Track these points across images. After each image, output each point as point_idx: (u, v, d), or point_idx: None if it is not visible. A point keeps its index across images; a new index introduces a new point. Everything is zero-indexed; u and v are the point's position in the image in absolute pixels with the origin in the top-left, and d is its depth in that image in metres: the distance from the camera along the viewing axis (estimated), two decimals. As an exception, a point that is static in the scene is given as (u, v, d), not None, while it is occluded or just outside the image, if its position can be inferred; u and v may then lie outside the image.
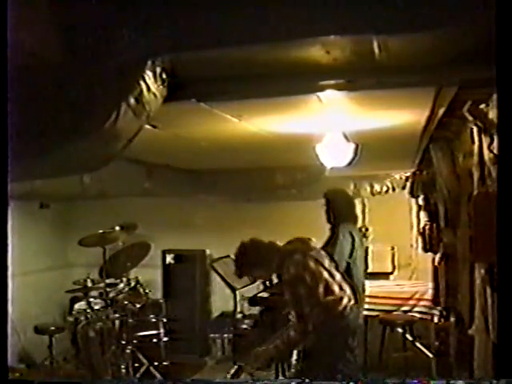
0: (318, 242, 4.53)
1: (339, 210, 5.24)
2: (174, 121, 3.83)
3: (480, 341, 3.77)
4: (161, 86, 2.59)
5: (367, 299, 5.69)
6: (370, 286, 5.81)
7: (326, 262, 4.24)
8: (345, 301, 4.15)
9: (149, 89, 2.52)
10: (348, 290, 4.22)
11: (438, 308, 6.29)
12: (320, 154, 4.61)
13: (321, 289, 4.05)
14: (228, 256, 5.94)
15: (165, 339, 6.43)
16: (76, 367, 5.99)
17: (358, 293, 4.99)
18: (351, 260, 5.01)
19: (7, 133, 2.01)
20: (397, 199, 7.97)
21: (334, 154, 4.54)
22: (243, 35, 2.33)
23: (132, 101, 2.49)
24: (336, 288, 4.17)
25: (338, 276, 4.28)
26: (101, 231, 6.05)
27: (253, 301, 6.34)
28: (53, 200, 7.11)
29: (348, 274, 4.89)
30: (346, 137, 4.38)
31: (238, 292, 5.86)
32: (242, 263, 4.13)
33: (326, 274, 4.13)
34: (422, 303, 6.47)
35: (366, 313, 5.50)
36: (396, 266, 7.97)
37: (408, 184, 7.58)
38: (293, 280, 4.02)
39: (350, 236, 5.07)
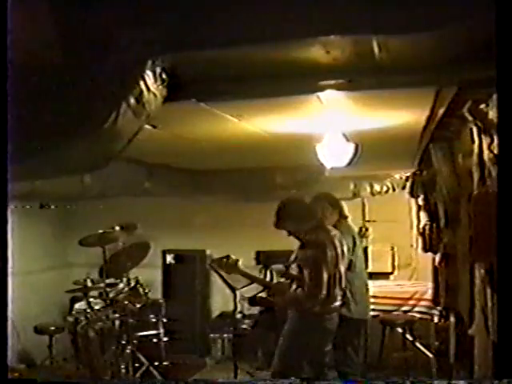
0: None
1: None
2: (174, 121, 3.83)
3: (480, 341, 3.76)
4: (161, 86, 2.59)
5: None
6: (371, 286, 5.81)
7: (342, 268, 4.37)
8: (333, 307, 4.25)
9: (149, 89, 2.52)
10: (338, 304, 4.31)
11: (438, 308, 6.28)
12: (320, 154, 4.61)
13: (325, 276, 4.12)
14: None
15: (165, 339, 6.43)
16: (76, 367, 5.99)
17: (360, 290, 5.03)
18: (353, 258, 5.00)
19: (7, 133, 2.01)
20: (397, 199, 7.96)
21: (334, 154, 4.54)
22: (243, 35, 2.33)
23: (132, 101, 2.49)
24: (337, 287, 4.24)
25: (342, 285, 4.37)
26: (101, 231, 6.04)
27: (253, 301, 6.34)
28: (53, 200, 7.10)
29: (351, 271, 4.91)
30: (346, 137, 4.38)
31: (237, 292, 5.85)
32: (282, 213, 4.39)
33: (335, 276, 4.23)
34: (422, 303, 6.48)
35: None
36: (396, 266, 7.96)
37: (408, 184, 7.58)
38: (316, 245, 4.21)
39: (349, 235, 5.04)
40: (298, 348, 4.24)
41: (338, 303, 4.31)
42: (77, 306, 6.36)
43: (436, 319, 6.29)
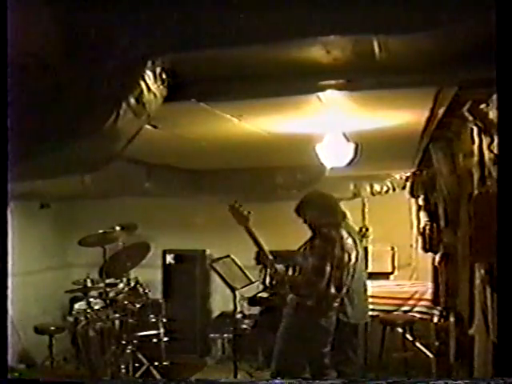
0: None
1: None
2: (174, 121, 3.83)
3: (480, 341, 3.77)
4: (161, 86, 2.59)
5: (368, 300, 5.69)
6: (370, 286, 5.81)
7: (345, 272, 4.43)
8: (330, 308, 4.26)
9: (149, 89, 2.52)
10: (336, 306, 4.33)
11: (438, 308, 6.28)
12: (320, 154, 4.60)
13: (328, 268, 4.18)
14: (228, 256, 5.94)
15: (165, 339, 6.43)
16: (76, 367, 5.99)
17: (358, 294, 5.04)
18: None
19: (7, 133, 2.01)
20: (397, 199, 7.96)
21: (334, 154, 4.54)
22: (243, 35, 2.33)
23: (132, 101, 2.49)
24: (333, 294, 4.27)
25: (342, 291, 4.39)
26: (101, 231, 6.04)
27: (253, 301, 6.35)
28: (53, 200, 7.11)
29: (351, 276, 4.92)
30: (346, 137, 4.38)
31: (237, 292, 5.85)
32: (307, 201, 4.60)
33: (337, 275, 4.25)
34: (421, 303, 6.48)
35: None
36: (396, 266, 7.96)
37: (408, 184, 7.58)
38: (326, 239, 4.34)
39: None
40: (294, 346, 4.27)
41: (335, 304, 4.35)
42: (77, 306, 6.36)
43: (436, 319, 6.28)
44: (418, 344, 6.09)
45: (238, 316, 6.78)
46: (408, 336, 6.03)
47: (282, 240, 6.01)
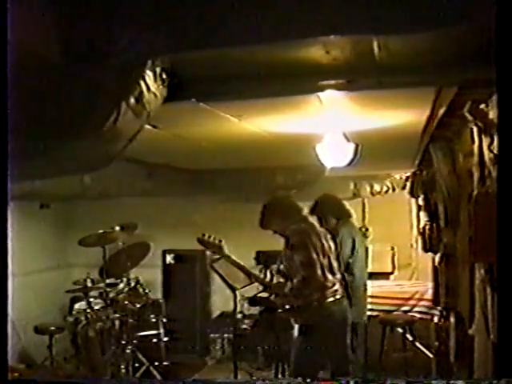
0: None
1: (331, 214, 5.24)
2: (174, 121, 3.83)
3: (480, 341, 3.77)
4: (161, 86, 2.59)
5: (367, 299, 5.70)
6: (370, 286, 5.81)
7: (332, 257, 4.34)
8: (336, 293, 4.21)
9: (149, 89, 2.52)
10: (340, 290, 4.29)
11: (438, 308, 6.29)
12: (320, 154, 4.61)
13: (319, 271, 4.12)
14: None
15: (165, 339, 6.43)
16: (76, 367, 5.99)
17: (358, 293, 5.04)
18: (351, 260, 5.02)
19: (7, 133, 2.01)
20: (397, 199, 7.97)
21: (334, 154, 4.54)
22: (243, 35, 2.33)
23: (132, 101, 2.49)
24: (332, 280, 4.23)
25: (337, 275, 4.33)
26: (101, 231, 6.04)
27: (253, 301, 6.34)
28: (53, 200, 7.11)
29: (350, 274, 4.92)
30: (346, 137, 4.38)
31: (238, 292, 5.85)
32: (267, 213, 4.44)
33: (325, 262, 4.21)
34: (422, 303, 6.48)
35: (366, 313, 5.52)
36: (396, 266, 7.97)
37: (408, 184, 7.58)
38: (299, 233, 4.23)
39: (349, 237, 5.06)
40: (316, 345, 4.17)
41: (336, 287, 4.26)
42: (77, 306, 6.37)
43: (436, 319, 6.29)
44: (417, 344, 6.09)
45: (238, 316, 6.79)
46: (408, 336, 6.02)
47: (281, 240, 6.00)
